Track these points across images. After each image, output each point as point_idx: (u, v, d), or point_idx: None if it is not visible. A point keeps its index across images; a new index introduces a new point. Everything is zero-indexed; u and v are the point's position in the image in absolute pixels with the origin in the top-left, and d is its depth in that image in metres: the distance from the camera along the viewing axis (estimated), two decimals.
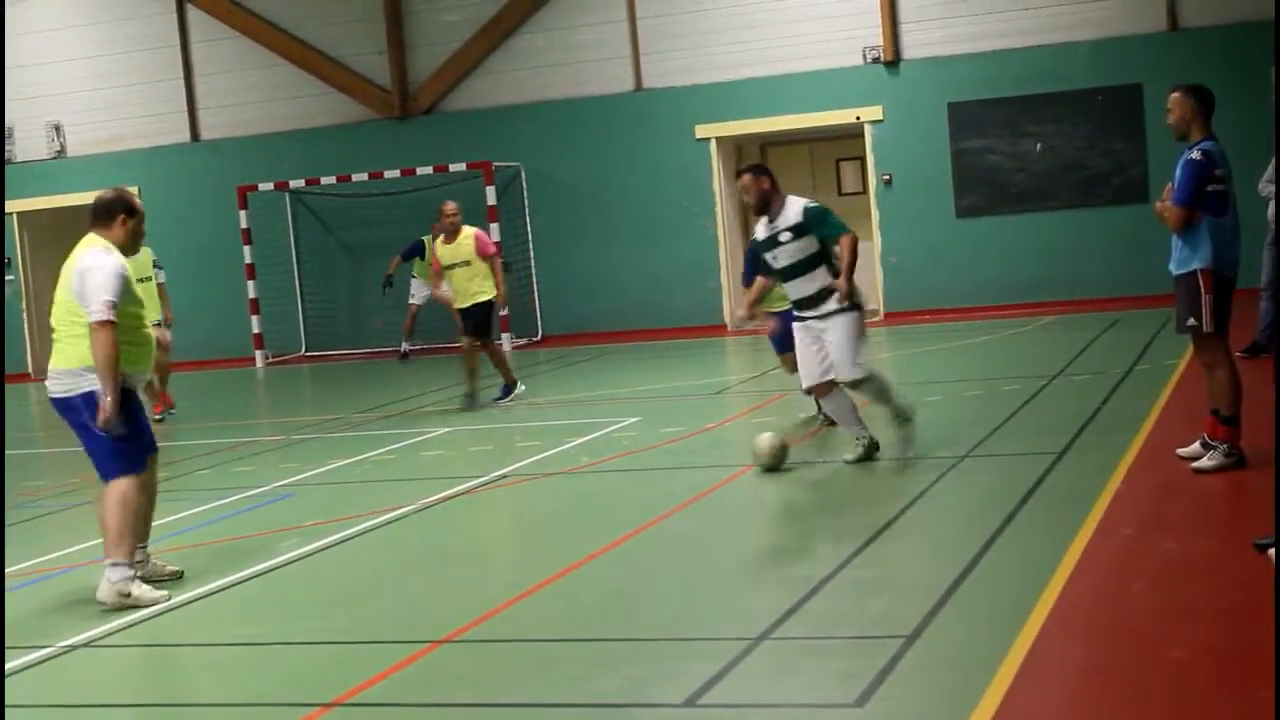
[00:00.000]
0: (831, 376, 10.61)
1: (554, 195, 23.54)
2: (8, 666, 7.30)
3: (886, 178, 22.16)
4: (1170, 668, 5.97)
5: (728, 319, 22.59)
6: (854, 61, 22.13)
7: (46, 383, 8.63)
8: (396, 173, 23.42)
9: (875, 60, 22.01)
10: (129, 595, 8.26)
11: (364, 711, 6.34)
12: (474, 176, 23.09)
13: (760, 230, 10.72)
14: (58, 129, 25.73)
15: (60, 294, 8.54)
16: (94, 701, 6.92)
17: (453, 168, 23.11)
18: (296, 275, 25.00)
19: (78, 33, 25.55)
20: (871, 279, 22.35)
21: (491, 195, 22.83)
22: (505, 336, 22.93)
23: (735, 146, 23.37)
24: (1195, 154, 9.20)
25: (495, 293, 15.76)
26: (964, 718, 5.53)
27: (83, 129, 25.65)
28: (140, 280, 12.28)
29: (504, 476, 11.40)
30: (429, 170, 23.28)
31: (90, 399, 8.34)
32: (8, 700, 6.96)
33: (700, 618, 7.28)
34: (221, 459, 13.76)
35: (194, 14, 24.94)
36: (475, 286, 15.69)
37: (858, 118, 22.14)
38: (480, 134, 23.61)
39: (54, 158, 25.83)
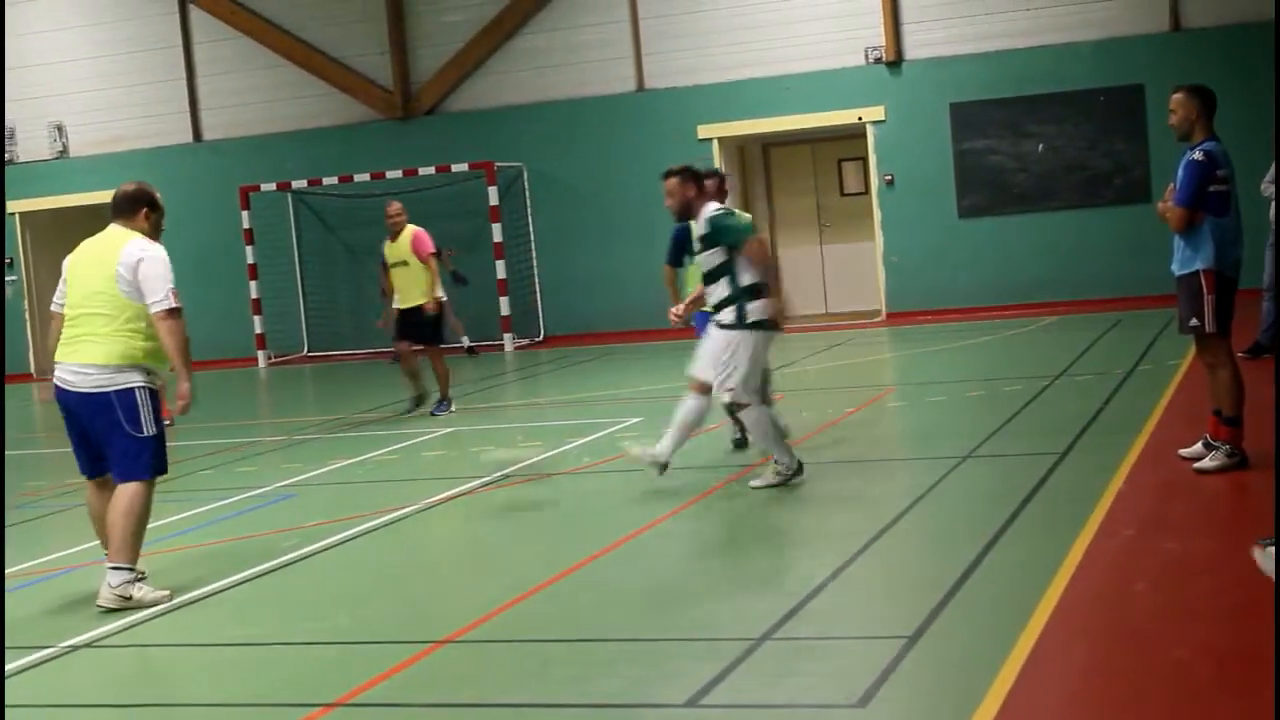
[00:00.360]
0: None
1: (556, 195, 23.54)
2: (9, 667, 7.30)
3: (888, 178, 22.16)
4: (1171, 668, 5.97)
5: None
6: (856, 62, 22.14)
7: (64, 376, 8.35)
8: (399, 173, 23.43)
9: (877, 61, 22.01)
10: (130, 598, 8.24)
11: (366, 712, 6.34)
12: (476, 177, 23.11)
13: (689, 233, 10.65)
14: (60, 129, 25.75)
15: (95, 285, 8.30)
16: (95, 702, 6.91)
17: (455, 168, 23.13)
18: (299, 276, 25.02)
19: (80, 33, 25.57)
20: (874, 279, 22.39)
21: (494, 195, 22.85)
22: (507, 337, 22.95)
23: (738, 147, 23.37)
24: (1197, 154, 9.20)
25: (433, 296, 15.48)
26: (966, 718, 5.52)
27: (85, 129, 25.68)
28: None
29: (506, 477, 11.39)
30: (431, 170, 23.29)
31: (127, 397, 8.26)
32: (9, 701, 6.97)
33: (701, 618, 7.27)
34: (224, 459, 13.76)
35: (196, 14, 24.96)
36: (416, 288, 15.52)
37: (860, 118, 22.14)
38: (482, 134, 23.62)
39: (56, 158, 25.85)
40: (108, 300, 8.27)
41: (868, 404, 13.98)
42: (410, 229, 15.67)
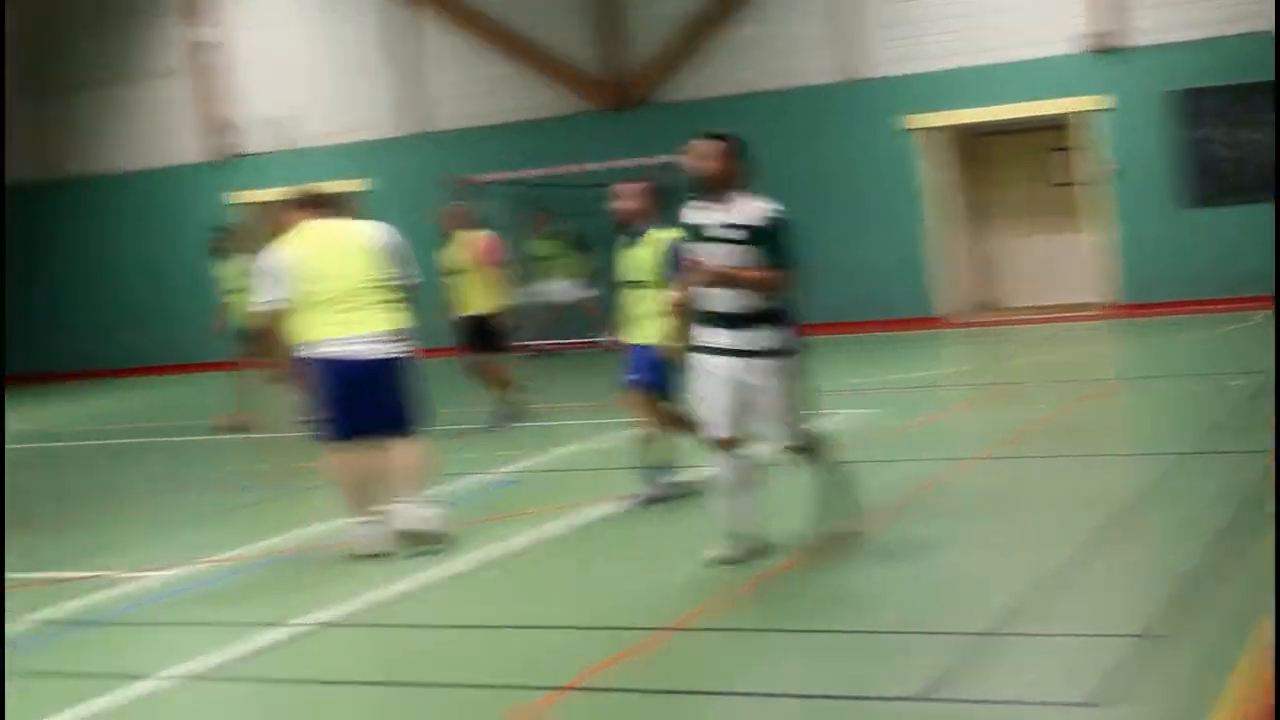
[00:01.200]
0: (756, 432, 8.60)
1: (766, 186, 23.46)
2: (258, 643, 7.64)
3: (1106, 168, 21.73)
4: None
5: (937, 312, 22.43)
6: (1071, 49, 21.75)
7: (360, 348, 9.15)
8: (620, 163, 23.54)
9: (1093, 47, 21.60)
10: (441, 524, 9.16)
11: (598, 695, 6.47)
12: None
13: (697, 214, 8.89)
14: (286, 123, 26.51)
15: (366, 266, 9.27)
16: (331, 679, 7.18)
17: (665, 159, 23.26)
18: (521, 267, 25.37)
19: (304, 27, 26.34)
20: (1089, 270, 22.00)
21: None
22: None
23: (946, 137, 23.14)
24: None
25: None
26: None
27: (307, 123, 26.40)
28: None
29: None
30: (646, 161, 23.43)
31: (411, 363, 9.43)
32: (245, 675, 7.30)
33: (929, 612, 7.30)
34: (446, 446, 14.02)
35: (420, 10, 25.48)
36: (484, 294, 15.53)
37: (1074, 107, 21.76)
38: (692, 125, 23.51)
39: (281, 151, 26.60)
40: (382, 275, 9.29)
41: (1088, 397, 13.79)
42: (476, 235, 15.24)
